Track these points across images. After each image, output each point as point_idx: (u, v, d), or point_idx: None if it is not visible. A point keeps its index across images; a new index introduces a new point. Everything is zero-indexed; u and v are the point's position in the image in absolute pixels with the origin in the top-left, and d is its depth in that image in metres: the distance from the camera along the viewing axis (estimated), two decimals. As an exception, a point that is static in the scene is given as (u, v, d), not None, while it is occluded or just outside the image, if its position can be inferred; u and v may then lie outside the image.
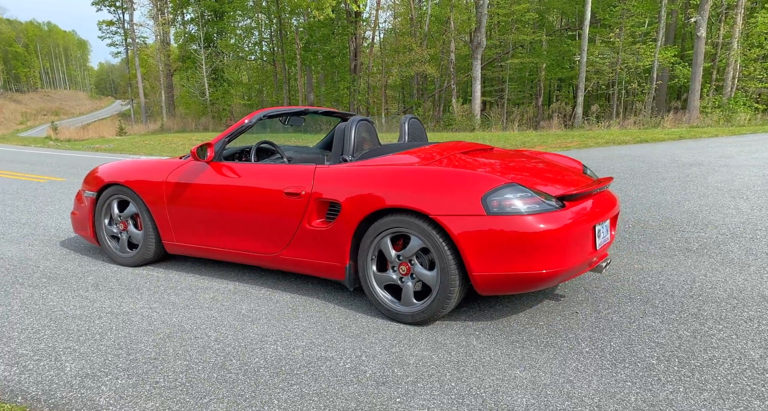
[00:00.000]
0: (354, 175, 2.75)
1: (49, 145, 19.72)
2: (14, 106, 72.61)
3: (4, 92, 78.86)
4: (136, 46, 34.59)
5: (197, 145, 3.25)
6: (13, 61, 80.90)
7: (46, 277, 3.27)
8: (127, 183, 3.52)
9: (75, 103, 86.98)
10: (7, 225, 4.66)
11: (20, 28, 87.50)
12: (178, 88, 36.19)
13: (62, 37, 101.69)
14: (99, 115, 67.66)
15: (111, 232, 3.66)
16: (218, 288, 3.17)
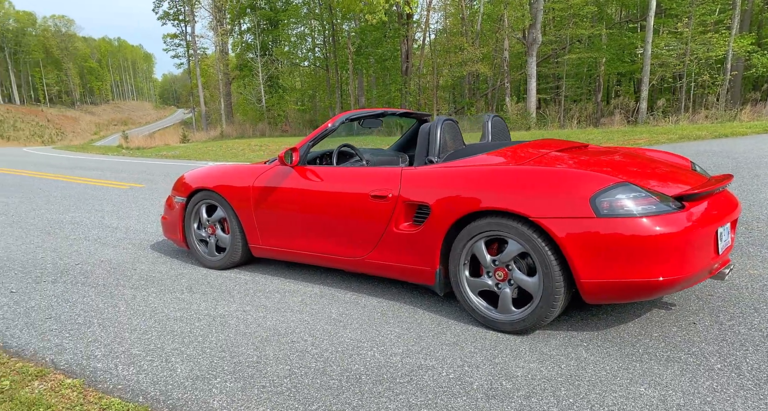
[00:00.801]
0: (444, 177, 2.68)
1: (122, 154, 20.97)
2: (89, 117, 78.26)
3: (81, 105, 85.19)
4: (197, 56, 36.27)
5: (284, 149, 3.30)
6: (88, 76, 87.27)
7: (144, 280, 3.42)
8: (215, 188, 3.63)
9: (141, 113, 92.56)
10: (102, 229, 4.95)
11: (94, 45, 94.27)
12: (236, 96, 37.61)
13: (130, 52, 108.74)
14: (163, 123, 71.60)
15: (200, 236, 3.79)
16: (305, 291, 3.19)
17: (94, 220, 5.41)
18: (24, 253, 4.08)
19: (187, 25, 37.35)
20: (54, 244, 4.39)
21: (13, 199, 6.89)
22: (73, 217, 5.58)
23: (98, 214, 5.75)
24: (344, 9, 21.81)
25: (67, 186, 8.32)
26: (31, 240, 4.52)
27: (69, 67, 79.94)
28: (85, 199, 6.86)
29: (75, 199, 6.81)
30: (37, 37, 74.33)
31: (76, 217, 5.57)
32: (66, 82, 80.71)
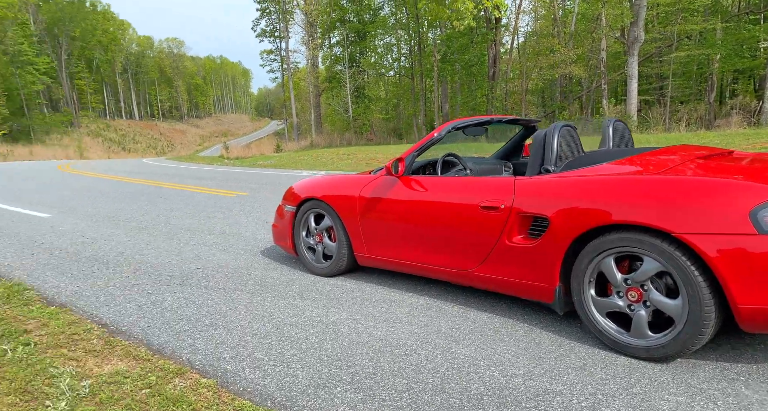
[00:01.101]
0: (565, 187, 2.52)
1: (224, 163, 22.64)
2: (195, 130, 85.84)
3: (188, 119, 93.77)
4: (290, 70, 38.36)
5: (391, 159, 3.32)
6: (194, 92, 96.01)
7: (259, 285, 3.60)
8: (323, 198, 3.74)
9: (239, 125, 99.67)
10: (216, 235, 5.33)
11: (200, 63, 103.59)
12: (324, 107, 39.22)
13: (230, 68, 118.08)
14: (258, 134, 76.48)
15: (308, 244, 3.92)
16: (411, 302, 3.16)
17: (208, 226, 5.85)
18: (154, 257, 4.48)
19: (282, 41, 39.68)
20: (177, 248, 4.79)
21: (140, 206, 7.67)
22: (190, 223, 6.07)
23: (211, 220, 6.21)
24: (431, 17, 21.88)
25: (182, 194, 9.11)
26: (158, 244, 4.97)
27: (179, 84, 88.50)
28: (198, 206, 7.45)
29: (190, 207, 7.42)
30: (153, 59, 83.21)
31: (193, 223, 6.06)
32: (176, 98, 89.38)
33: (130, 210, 7.22)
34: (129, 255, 4.55)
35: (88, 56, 67.65)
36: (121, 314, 3.07)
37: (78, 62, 65.63)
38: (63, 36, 60.75)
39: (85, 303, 3.26)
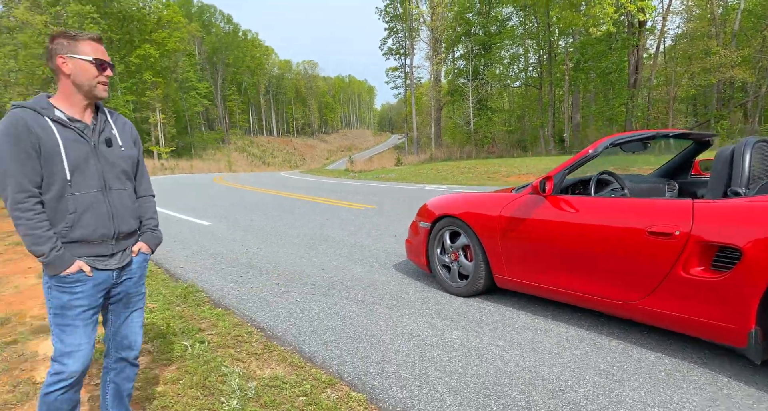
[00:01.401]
0: (765, 213, 2.13)
1: (349, 176, 23.81)
2: (323, 145, 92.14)
3: (318, 134, 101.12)
4: (413, 86, 39.30)
5: (539, 178, 3.14)
6: (324, 109, 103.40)
7: (396, 300, 3.64)
8: (460, 216, 3.67)
9: (363, 139, 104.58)
10: (350, 247, 5.56)
11: (330, 83, 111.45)
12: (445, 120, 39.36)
13: (357, 86, 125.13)
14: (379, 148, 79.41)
15: (443, 262, 3.88)
16: (559, 332, 2.93)
17: (342, 237, 6.13)
18: (298, 266, 4.81)
19: (407, 57, 40.93)
20: (317, 259, 5.08)
21: (282, 217, 8.35)
22: (326, 234, 6.43)
23: (344, 232, 6.51)
24: (564, 25, 20.80)
25: (316, 206, 9.74)
26: (301, 253, 5.33)
27: (311, 103, 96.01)
28: (331, 218, 7.88)
29: (324, 218, 7.88)
30: (291, 80, 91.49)
31: (329, 234, 6.40)
32: (308, 116, 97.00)
33: (273, 220, 7.89)
34: (277, 263, 4.93)
35: (238, 80, 76.71)
36: (275, 320, 3.31)
37: (230, 86, 74.75)
38: (220, 63, 69.79)
39: (245, 307, 3.59)
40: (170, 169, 38.96)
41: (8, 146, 1.54)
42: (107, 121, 1.80)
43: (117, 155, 1.77)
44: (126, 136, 1.84)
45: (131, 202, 1.82)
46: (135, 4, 44.64)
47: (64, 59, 1.66)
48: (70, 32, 1.69)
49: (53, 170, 1.60)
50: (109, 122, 1.80)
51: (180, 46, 48.89)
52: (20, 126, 1.55)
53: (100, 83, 1.70)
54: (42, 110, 1.62)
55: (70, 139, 1.64)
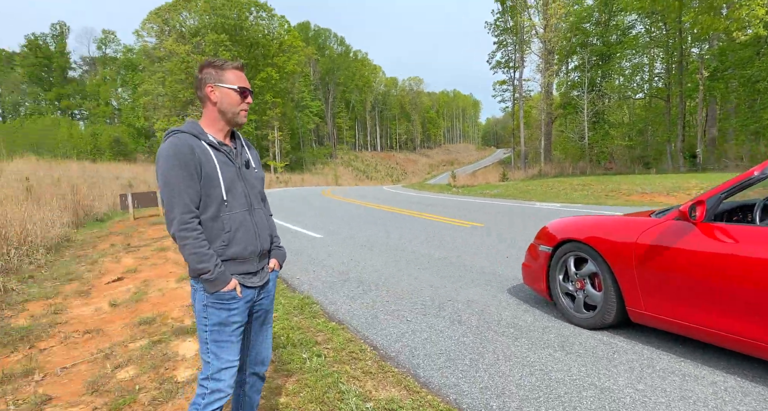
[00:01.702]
0: None
1: (452, 191, 23.57)
2: (425, 159, 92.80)
3: (420, 149, 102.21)
4: (522, 99, 38.07)
5: (688, 202, 2.76)
6: (428, 124, 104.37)
7: (512, 328, 3.42)
8: (586, 240, 3.37)
9: (466, 154, 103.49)
10: (459, 268, 5.41)
11: (434, 98, 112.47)
12: (556, 134, 37.44)
13: (462, 100, 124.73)
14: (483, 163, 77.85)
15: (566, 289, 3.58)
16: (715, 381, 2.52)
17: (449, 256, 6.00)
18: (408, 283, 4.78)
19: (516, 70, 39.84)
20: (425, 277, 5.01)
21: (388, 232, 8.45)
22: (432, 252, 6.34)
23: (451, 250, 6.36)
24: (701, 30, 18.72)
25: (421, 222, 9.72)
26: (410, 271, 5.30)
27: (415, 118, 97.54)
28: (438, 235, 7.79)
29: (430, 235, 7.81)
30: (396, 97, 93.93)
31: (435, 252, 6.31)
32: (411, 131, 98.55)
33: (380, 235, 8.00)
34: (386, 278, 4.95)
35: (347, 98, 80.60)
36: (387, 339, 3.29)
37: (339, 104, 78.77)
38: (331, 83, 73.99)
39: (357, 323, 3.62)
40: (284, 182, 41.84)
41: (176, 169, 1.62)
42: (242, 145, 1.90)
43: (254, 176, 1.87)
44: (256, 159, 1.94)
45: (267, 220, 1.92)
46: (261, 31, 49.16)
47: (212, 88, 1.75)
48: (218, 62, 1.78)
49: (211, 191, 1.68)
50: (244, 146, 1.90)
51: (297, 68, 52.70)
52: (186, 149, 1.64)
53: (242, 110, 1.79)
54: (199, 135, 1.72)
55: (222, 161, 1.73)
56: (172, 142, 1.66)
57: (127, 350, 3.28)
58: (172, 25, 45.94)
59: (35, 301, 4.83)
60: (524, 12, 33.78)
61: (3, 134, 42.80)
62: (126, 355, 3.18)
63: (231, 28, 45.77)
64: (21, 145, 37.94)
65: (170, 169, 1.63)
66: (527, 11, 33.72)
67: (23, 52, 61.58)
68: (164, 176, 1.64)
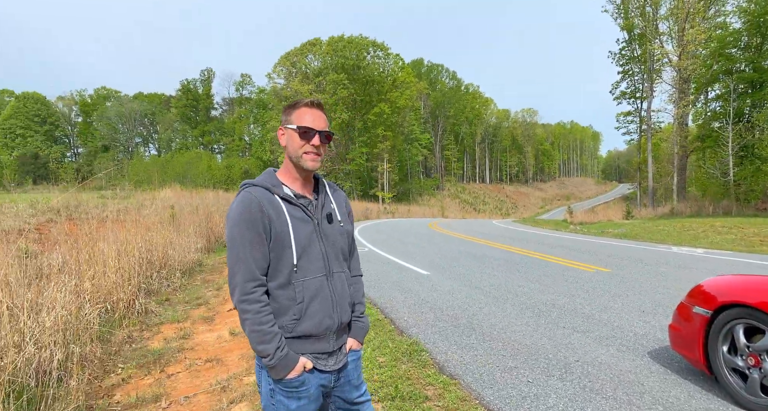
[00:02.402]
0: None
1: (569, 229, 21.94)
2: (538, 193, 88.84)
3: (532, 182, 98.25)
4: (650, 131, 34.88)
5: None
6: (541, 157, 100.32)
7: (662, 406, 2.87)
8: (762, 306, 2.74)
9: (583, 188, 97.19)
10: (585, 319, 4.83)
11: (549, 130, 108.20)
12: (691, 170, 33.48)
13: (579, 132, 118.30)
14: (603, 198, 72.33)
15: (732, 364, 2.94)
16: None
17: (573, 305, 5.40)
18: (525, 335, 4.35)
19: (643, 101, 36.82)
20: (546, 329, 4.52)
21: (501, 273, 7.98)
22: (553, 299, 5.77)
23: (575, 299, 5.74)
24: None
25: (537, 263, 9.05)
26: (526, 320, 4.84)
27: (527, 150, 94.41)
28: (558, 279, 7.13)
29: (549, 279, 7.18)
30: (507, 129, 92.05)
31: (557, 300, 5.73)
32: (523, 163, 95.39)
33: (492, 276, 7.56)
34: (501, 328, 4.56)
35: (456, 131, 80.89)
36: (506, 402, 2.94)
37: (448, 136, 79.26)
38: (441, 116, 74.98)
39: (471, 379, 3.31)
40: (391, 212, 42.66)
41: (242, 229, 1.43)
42: (327, 194, 1.66)
43: (337, 232, 1.61)
44: (342, 209, 1.68)
45: (348, 285, 1.65)
46: (377, 69, 51.82)
47: (282, 131, 1.59)
48: (294, 101, 1.60)
49: (282, 254, 1.47)
50: (329, 196, 1.66)
51: (409, 102, 54.33)
52: (254, 207, 1.45)
53: (305, 153, 1.53)
54: (273, 188, 1.52)
55: (297, 217, 1.51)
56: (242, 199, 1.48)
57: (241, 384, 3.33)
58: (298, 68, 50.44)
59: (169, 324, 5.25)
60: (655, 40, 31.30)
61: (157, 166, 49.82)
62: (240, 389, 3.22)
63: (350, 67, 48.88)
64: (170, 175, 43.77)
65: (236, 228, 1.45)
66: (658, 39, 31.21)
67: (177, 95, 71.84)
68: (229, 236, 1.46)
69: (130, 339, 4.80)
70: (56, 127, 67.12)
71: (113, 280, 5.69)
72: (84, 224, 9.80)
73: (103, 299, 5.52)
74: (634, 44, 35.30)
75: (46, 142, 64.70)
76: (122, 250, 6.69)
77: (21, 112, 63.35)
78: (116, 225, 10.95)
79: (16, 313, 4.25)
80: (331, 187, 1.71)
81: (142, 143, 74.88)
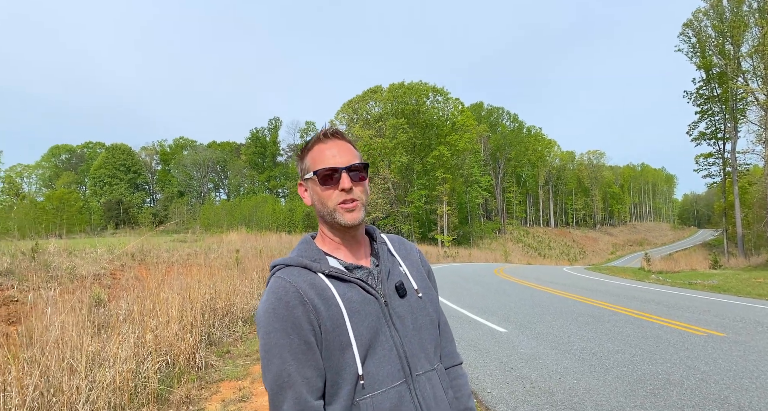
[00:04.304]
0: None
1: (650, 279, 20.00)
2: (607, 238, 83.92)
3: (601, 226, 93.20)
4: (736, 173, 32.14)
5: None
6: (610, 200, 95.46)
7: None
8: None
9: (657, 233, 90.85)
10: (717, 404, 3.92)
11: (618, 172, 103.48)
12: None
13: (651, 174, 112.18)
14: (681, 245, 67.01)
15: None
16: None
17: (695, 383, 4.47)
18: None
19: (725, 142, 34.25)
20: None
21: (590, 333, 7.04)
22: (666, 372, 4.85)
23: (694, 373, 4.78)
24: None
25: (628, 321, 7.98)
26: (639, 400, 4.01)
27: (595, 193, 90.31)
28: (661, 344, 6.13)
29: (650, 342, 6.19)
30: (572, 171, 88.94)
31: (671, 373, 4.81)
32: (591, 207, 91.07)
33: (581, 336, 6.66)
34: (609, 409, 3.77)
35: (518, 173, 79.23)
36: None
37: (509, 178, 77.71)
38: (502, 158, 73.95)
39: None
40: (452, 256, 41.49)
41: (279, 336, 0.98)
42: (390, 253, 1.18)
43: (416, 308, 1.12)
44: (417, 269, 1.20)
45: (444, 388, 1.13)
46: (436, 114, 52.38)
47: (303, 186, 1.16)
48: (306, 142, 1.16)
49: (339, 363, 1.00)
50: (394, 255, 1.18)
51: (469, 145, 54.05)
52: (291, 299, 1.00)
53: (338, 205, 1.07)
54: (313, 264, 1.06)
55: (354, 301, 1.04)
56: (273, 290, 1.03)
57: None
58: (360, 114, 52.05)
59: (228, 381, 4.89)
60: (737, 78, 29.35)
61: (226, 210, 52.22)
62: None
63: (409, 112, 49.75)
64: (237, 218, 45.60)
65: (271, 337, 0.99)
66: (741, 77, 29.25)
67: (247, 143, 76.23)
68: (264, 348, 1.00)
69: (188, 399, 4.47)
70: (138, 174, 72.82)
71: (175, 331, 5.47)
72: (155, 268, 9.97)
73: (164, 352, 5.29)
74: (713, 83, 33.31)
75: (129, 189, 70.13)
76: (186, 297, 6.55)
77: (110, 162, 69.49)
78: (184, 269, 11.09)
79: (76, 369, 4.05)
80: (393, 241, 1.23)
81: (214, 188, 79.38)
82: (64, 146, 77.94)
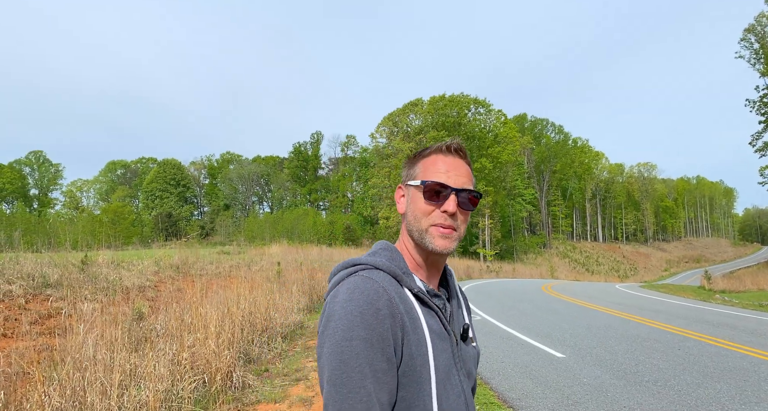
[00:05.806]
0: None
1: (715, 299, 18.47)
2: (660, 253, 79.57)
3: (653, 242, 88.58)
4: (808, 184, 29.64)
5: None
6: (663, 214, 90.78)
7: None
8: None
9: (716, 249, 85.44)
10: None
11: (671, 185, 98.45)
12: None
13: (708, 188, 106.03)
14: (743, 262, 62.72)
15: None
16: None
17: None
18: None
19: (794, 149, 31.74)
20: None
21: (658, 360, 6.34)
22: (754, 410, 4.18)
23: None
24: None
25: (701, 347, 7.17)
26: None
27: (646, 207, 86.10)
28: (751, 378, 5.38)
29: (738, 376, 5.45)
30: (622, 184, 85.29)
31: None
32: (641, 221, 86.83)
33: (651, 365, 5.97)
34: (703, 460, 3.20)
35: (563, 186, 76.71)
36: None
37: (555, 191, 75.30)
38: (546, 171, 71.85)
39: None
40: (495, 271, 40.27)
41: (362, 346, 0.80)
42: (456, 291, 1.05)
43: (469, 356, 1.01)
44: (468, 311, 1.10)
45: None
46: (478, 126, 51.59)
47: (402, 190, 1.02)
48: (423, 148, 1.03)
49: (413, 396, 0.83)
50: (459, 297, 1.06)
51: (511, 157, 52.81)
52: (383, 308, 0.82)
53: (432, 226, 0.92)
54: (401, 276, 0.90)
55: (434, 331, 0.90)
56: (361, 290, 0.84)
57: None
58: (400, 127, 51.98)
59: (265, 404, 4.60)
60: (806, 79, 27.25)
61: (269, 223, 53.13)
62: None
63: (450, 124, 49.23)
64: (279, 231, 46.24)
65: (352, 344, 0.79)
66: (810, 78, 27.14)
67: (290, 157, 77.71)
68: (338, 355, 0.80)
69: (223, 423, 4.20)
70: (187, 188, 75.56)
71: (213, 347, 5.26)
72: (198, 280, 9.95)
73: (201, 370, 5.08)
74: (779, 87, 31.11)
75: (179, 203, 72.77)
76: (226, 312, 6.37)
77: (161, 177, 72.49)
78: (226, 281, 11.06)
79: (107, 390, 3.87)
80: (451, 275, 1.08)
81: (258, 201, 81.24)
82: (119, 162, 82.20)
